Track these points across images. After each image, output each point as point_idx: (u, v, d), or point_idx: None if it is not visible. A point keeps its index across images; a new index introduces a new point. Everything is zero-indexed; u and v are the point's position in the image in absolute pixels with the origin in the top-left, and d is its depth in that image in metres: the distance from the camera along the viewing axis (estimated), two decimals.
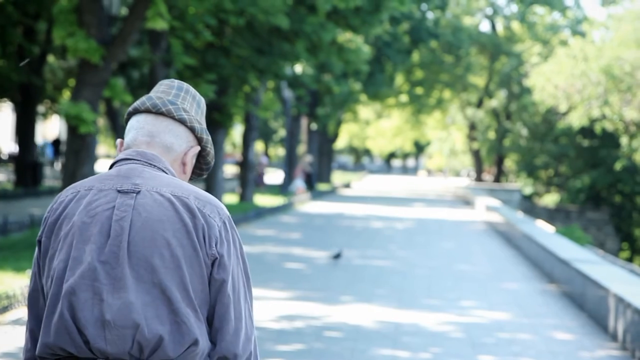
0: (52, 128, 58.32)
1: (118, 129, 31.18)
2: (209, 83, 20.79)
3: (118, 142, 2.55)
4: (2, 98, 28.91)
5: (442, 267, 14.76)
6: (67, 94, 30.36)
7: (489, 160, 56.88)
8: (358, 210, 28.46)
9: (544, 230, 18.39)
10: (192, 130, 2.53)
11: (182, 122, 2.51)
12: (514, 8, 53.65)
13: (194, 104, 2.57)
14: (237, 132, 56.55)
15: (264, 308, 9.74)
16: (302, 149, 46.41)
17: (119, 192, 2.40)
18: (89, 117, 13.58)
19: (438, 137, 69.55)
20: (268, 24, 20.84)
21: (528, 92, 46.22)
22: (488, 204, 27.61)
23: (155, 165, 2.48)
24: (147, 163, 2.47)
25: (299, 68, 30.84)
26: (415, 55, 47.72)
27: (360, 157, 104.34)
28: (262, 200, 28.64)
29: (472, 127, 55.72)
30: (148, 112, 2.52)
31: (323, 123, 43.94)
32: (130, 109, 2.55)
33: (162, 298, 2.33)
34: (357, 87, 40.27)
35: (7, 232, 15.34)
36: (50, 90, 30.94)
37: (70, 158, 13.95)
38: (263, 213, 23.85)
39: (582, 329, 9.73)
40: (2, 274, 10.68)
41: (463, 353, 8.18)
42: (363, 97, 45.69)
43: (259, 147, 71.57)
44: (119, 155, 2.51)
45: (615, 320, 9.16)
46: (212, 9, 18.71)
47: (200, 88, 20.05)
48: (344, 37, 26.87)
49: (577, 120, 36.48)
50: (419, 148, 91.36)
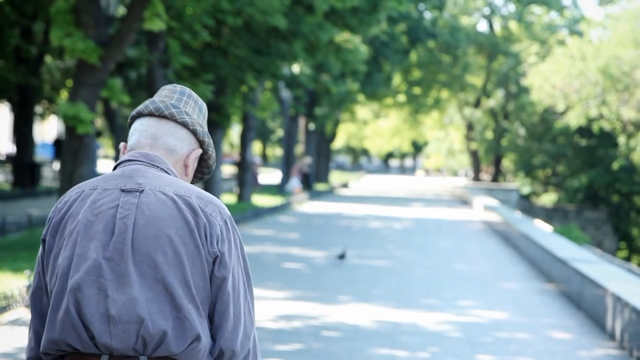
0: (50, 128, 58.30)
1: (116, 130, 31.17)
2: (207, 83, 20.79)
3: (121, 145, 2.62)
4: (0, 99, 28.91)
5: (440, 266, 14.77)
6: (64, 95, 30.35)
7: (487, 160, 56.92)
8: (356, 210, 28.47)
9: (542, 230, 18.41)
10: (194, 134, 2.59)
11: (184, 125, 2.58)
12: (512, 8, 53.68)
13: (196, 108, 2.63)
14: (234, 132, 56.57)
15: (262, 308, 9.75)
16: (299, 149, 46.42)
17: (123, 191, 2.46)
18: (87, 117, 13.58)
19: (436, 137, 69.60)
20: (265, 24, 20.84)
21: (526, 91, 46.26)
22: (486, 204, 27.63)
23: (158, 167, 2.53)
24: (150, 164, 2.53)
25: (297, 68, 30.84)
26: (413, 55, 47.74)
27: (358, 157, 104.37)
28: (259, 200, 28.65)
29: (469, 127, 55.75)
30: (151, 115, 2.59)
31: (321, 123, 43.95)
32: (134, 113, 2.62)
33: (165, 294, 2.38)
34: (354, 87, 40.27)
35: (5, 232, 15.34)
36: (48, 91, 30.94)
37: (68, 158, 13.95)
38: (261, 213, 23.85)
39: (580, 328, 9.75)
40: (0, 275, 10.67)
41: (461, 352, 8.19)
42: (361, 97, 45.69)
43: (254, 147, 71.56)
44: (123, 157, 2.57)
45: (613, 320, 9.17)
46: (209, 9, 18.72)
47: (198, 88, 20.04)
48: (342, 37, 26.88)
49: (574, 120, 36.52)
50: (417, 148, 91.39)
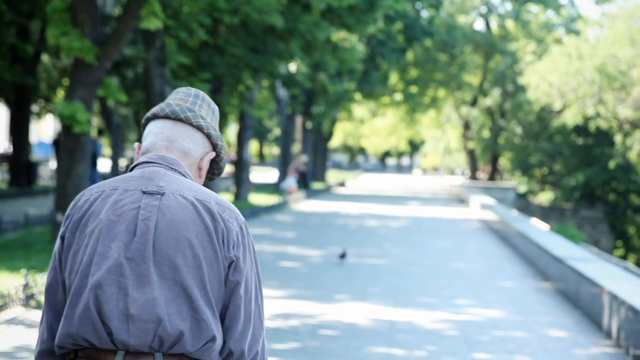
0: (46, 127, 58.25)
1: (112, 129, 31.14)
2: (204, 82, 20.78)
3: (136, 145, 2.68)
4: None
5: (436, 265, 14.78)
6: (61, 94, 30.32)
7: (484, 159, 56.96)
8: (353, 209, 28.47)
9: (539, 228, 18.42)
10: (208, 137, 2.67)
11: (199, 128, 2.65)
12: (508, 6, 53.71)
13: (209, 111, 2.70)
14: (231, 131, 56.55)
15: None
16: (296, 148, 46.42)
17: (144, 193, 2.53)
18: (83, 116, 13.57)
19: (432, 135, 69.63)
20: (262, 23, 20.84)
21: (522, 90, 46.30)
22: (483, 202, 27.65)
23: (176, 170, 2.60)
24: (168, 167, 2.60)
25: (294, 67, 30.84)
26: (410, 54, 47.74)
27: (355, 155, 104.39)
28: (256, 199, 28.64)
29: (466, 125, 55.78)
30: (167, 118, 2.65)
31: (318, 122, 43.96)
32: (149, 115, 2.68)
33: (183, 295, 2.45)
34: (351, 85, 40.29)
35: (1, 231, 15.33)
36: (45, 90, 30.91)
37: (65, 158, 13.94)
38: (258, 212, 23.86)
39: (576, 327, 9.76)
40: None
41: (458, 351, 8.19)
42: (357, 95, 45.70)
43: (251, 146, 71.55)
44: (141, 158, 2.63)
45: (610, 318, 9.18)
46: (206, 8, 18.71)
47: (195, 87, 20.03)
48: (339, 35, 26.89)
49: (571, 119, 36.55)
50: (414, 147, 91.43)
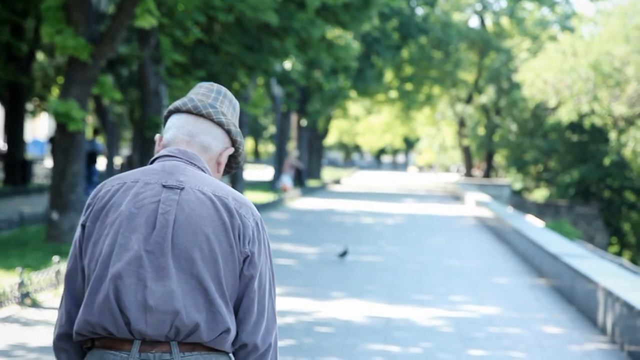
0: (41, 126, 58.18)
1: (107, 127, 31.11)
2: (198, 80, 20.76)
3: (157, 137, 2.75)
4: None
5: (432, 262, 14.79)
6: (56, 92, 30.28)
7: (479, 156, 57.00)
8: (348, 207, 28.48)
9: (534, 225, 18.45)
10: (228, 133, 2.73)
11: (220, 124, 2.72)
12: (503, 3, 53.75)
13: (230, 108, 2.77)
14: None
15: None
16: (292, 146, 46.42)
17: (164, 187, 2.59)
18: (78, 114, 13.56)
19: (428, 133, 69.65)
20: (257, 21, 20.83)
21: (517, 87, 46.32)
22: (478, 199, 27.68)
23: (196, 164, 2.66)
24: (188, 162, 2.66)
25: (289, 64, 30.82)
26: (405, 52, 47.75)
27: (350, 153, 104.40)
28: (252, 197, 28.64)
29: (461, 123, 55.81)
30: (189, 112, 2.71)
31: (313, 119, 43.95)
32: (171, 108, 2.74)
33: (200, 288, 2.51)
34: (346, 83, 40.28)
35: None
36: (39, 88, 30.87)
37: (60, 156, 13.93)
38: None
39: (571, 323, 9.78)
40: None
41: (453, 348, 8.21)
42: (352, 93, 45.69)
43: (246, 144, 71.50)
44: (162, 151, 2.69)
45: (605, 314, 9.20)
46: (201, 6, 18.70)
47: (190, 85, 20.01)
48: (333, 33, 26.88)
49: (566, 116, 36.58)
50: (409, 144, 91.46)
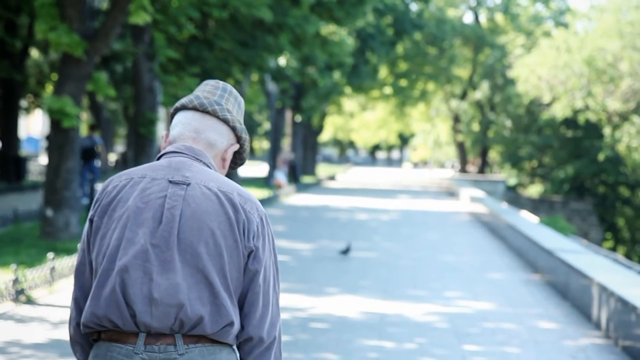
0: (35, 122, 58.07)
1: (102, 124, 31.07)
2: (193, 76, 20.75)
3: (164, 133, 2.82)
4: None
5: (426, 258, 14.81)
6: (50, 89, 30.22)
7: (473, 152, 57.03)
8: (343, 203, 28.50)
9: (528, 221, 18.47)
10: (233, 130, 2.80)
11: (225, 121, 2.78)
12: (497, 0, 53.75)
13: (236, 105, 2.83)
14: None
15: None
16: (286, 142, 46.41)
17: (171, 182, 2.65)
18: (72, 111, 13.54)
19: (422, 129, 69.67)
20: (251, 17, 20.81)
21: (512, 83, 46.36)
22: (472, 195, 27.70)
23: (202, 161, 2.73)
24: (194, 158, 2.72)
25: (283, 61, 30.81)
26: (399, 48, 47.74)
27: (345, 149, 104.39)
28: None
29: (456, 118, 55.83)
30: (195, 110, 2.78)
31: (307, 116, 43.95)
32: (178, 105, 2.81)
33: (204, 282, 2.57)
34: (341, 79, 40.27)
35: None
36: (33, 85, 30.81)
37: (54, 153, 13.91)
38: None
39: (566, 318, 9.80)
40: None
41: (448, 343, 8.22)
42: (347, 89, 45.69)
43: None
44: (168, 148, 2.76)
45: (599, 309, 9.22)
46: (195, 2, 18.67)
47: (184, 81, 19.98)
48: (328, 29, 26.87)
49: (560, 111, 36.63)
50: (404, 140, 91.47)
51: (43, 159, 40.77)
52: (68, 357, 6.99)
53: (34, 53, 30.37)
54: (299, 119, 43.53)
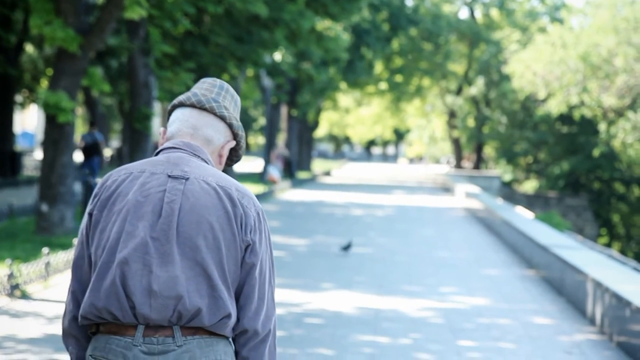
0: (30, 118, 57.97)
1: (97, 118, 31.02)
2: (188, 71, 20.71)
3: (161, 130, 2.87)
4: None
5: (422, 253, 14.82)
6: (45, 83, 30.17)
7: (469, 148, 57.07)
8: (338, 198, 28.50)
9: (523, 217, 18.49)
10: (230, 127, 2.84)
11: (222, 118, 2.83)
12: None
13: (232, 102, 2.88)
14: None
15: None
16: (282, 138, 46.40)
17: (170, 177, 2.70)
18: (68, 106, 13.52)
19: (418, 124, 69.69)
20: (247, 12, 20.78)
21: (507, 79, 46.38)
22: (468, 191, 27.72)
23: (199, 156, 2.78)
24: (192, 153, 2.77)
25: (278, 56, 30.79)
26: (395, 43, 47.74)
27: (340, 145, 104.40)
28: None
29: (451, 114, 55.85)
30: (193, 106, 2.83)
31: (303, 111, 43.92)
32: (176, 102, 2.86)
33: (203, 275, 2.62)
34: (336, 75, 40.25)
35: None
36: (28, 80, 30.76)
37: (49, 148, 13.89)
38: None
39: (560, 314, 9.81)
40: None
41: (443, 338, 8.23)
42: (342, 84, 45.68)
43: None
44: (166, 144, 2.80)
45: (594, 305, 9.24)
46: None
47: (179, 76, 19.96)
48: (323, 24, 26.84)
49: (555, 107, 36.65)
50: (399, 136, 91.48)
51: (38, 154, 40.74)
52: (63, 351, 6.99)
53: (29, 48, 30.32)
54: (295, 114, 43.51)
